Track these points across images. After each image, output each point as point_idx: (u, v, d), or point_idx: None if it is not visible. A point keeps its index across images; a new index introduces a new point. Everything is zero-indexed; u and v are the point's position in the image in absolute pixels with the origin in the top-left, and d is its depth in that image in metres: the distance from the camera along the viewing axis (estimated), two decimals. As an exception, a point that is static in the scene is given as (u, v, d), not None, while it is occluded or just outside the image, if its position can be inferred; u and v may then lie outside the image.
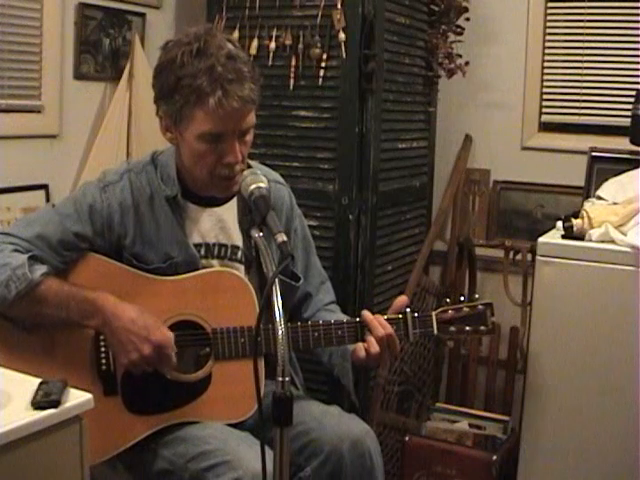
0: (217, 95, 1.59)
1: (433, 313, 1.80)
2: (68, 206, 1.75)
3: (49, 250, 1.69)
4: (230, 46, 1.65)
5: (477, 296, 1.91)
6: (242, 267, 1.83)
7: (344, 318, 1.83)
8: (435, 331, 1.79)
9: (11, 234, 1.70)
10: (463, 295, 1.89)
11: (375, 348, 1.72)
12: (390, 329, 1.73)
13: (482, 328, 1.84)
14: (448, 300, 1.86)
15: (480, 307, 1.83)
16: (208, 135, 1.64)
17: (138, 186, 1.77)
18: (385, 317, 1.77)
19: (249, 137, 1.70)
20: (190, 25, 2.75)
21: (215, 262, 1.81)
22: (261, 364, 1.68)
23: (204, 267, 1.78)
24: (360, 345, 1.75)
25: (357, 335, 1.76)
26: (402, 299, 1.81)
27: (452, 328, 1.81)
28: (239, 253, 1.83)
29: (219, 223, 1.81)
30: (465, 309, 1.83)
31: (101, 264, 1.74)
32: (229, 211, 1.82)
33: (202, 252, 1.80)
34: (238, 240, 1.83)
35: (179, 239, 1.77)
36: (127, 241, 1.75)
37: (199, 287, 1.74)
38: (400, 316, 1.78)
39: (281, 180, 1.95)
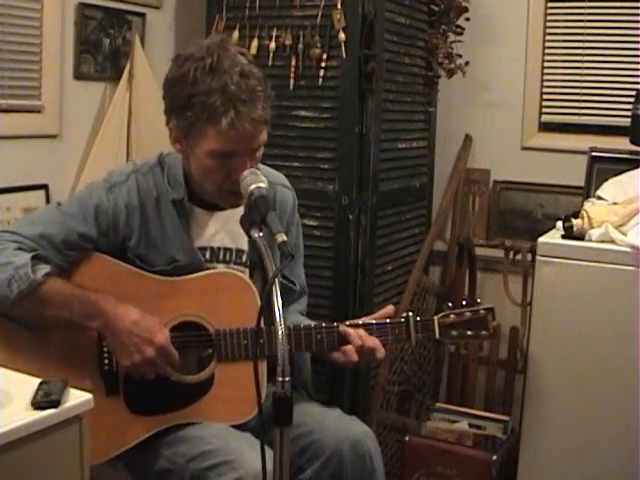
0: (230, 116, 1.58)
1: (435, 318, 1.81)
2: (73, 206, 1.74)
3: (52, 250, 1.69)
4: (243, 61, 1.63)
5: (479, 300, 1.91)
6: (247, 270, 1.83)
7: (312, 323, 1.82)
8: (437, 335, 1.80)
9: (15, 232, 1.70)
10: (465, 299, 1.89)
11: (354, 357, 1.73)
12: (369, 342, 1.73)
13: (483, 333, 1.85)
14: (450, 304, 1.86)
15: (482, 312, 1.84)
16: (218, 153, 1.63)
17: (145, 187, 1.76)
18: (388, 321, 1.78)
19: (259, 153, 1.69)
20: (188, 27, 2.80)
21: (220, 266, 1.80)
22: (263, 366, 1.68)
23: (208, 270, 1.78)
24: (344, 348, 1.74)
25: (335, 342, 1.75)
26: (389, 309, 1.81)
27: (454, 332, 1.82)
28: (244, 256, 1.83)
29: (225, 227, 1.81)
30: (467, 314, 1.83)
31: (105, 264, 1.74)
32: (235, 215, 1.81)
33: (207, 256, 1.80)
34: (243, 244, 1.83)
35: (184, 242, 1.77)
36: (132, 242, 1.75)
37: (202, 288, 1.74)
38: (402, 320, 1.78)
39: (287, 184, 1.95)
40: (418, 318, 1.79)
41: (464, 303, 1.87)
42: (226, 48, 1.64)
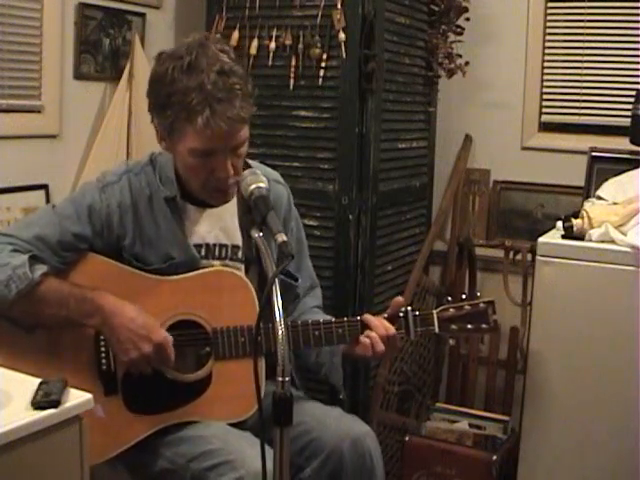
0: (205, 114, 1.57)
1: (434, 311, 1.80)
2: (67, 207, 1.75)
3: (48, 251, 1.69)
4: (224, 59, 1.62)
5: (479, 294, 1.90)
6: (243, 267, 1.83)
7: (332, 318, 1.82)
8: (436, 329, 1.80)
9: (10, 234, 1.71)
10: (465, 293, 1.89)
11: (380, 347, 1.73)
12: (392, 330, 1.75)
13: (484, 326, 1.83)
14: (450, 298, 1.85)
15: (482, 305, 1.83)
16: (198, 151, 1.64)
17: (137, 187, 1.77)
18: (385, 316, 1.78)
19: (242, 150, 1.69)
20: (188, 27, 2.80)
21: (216, 262, 1.81)
22: (261, 363, 1.68)
23: (204, 267, 1.78)
24: (365, 341, 1.74)
25: (358, 332, 1.75)
26: (399, 300, 1.81)
27: (453, 326, 1.81)
28: (239, 253, 1.83)
29: (219, 223, 1.81)
30: (466, 307, 1.82)
31: (101, 264, 1.74)
32: (229, 211, 1.82)
33: (202, 253, 1.80)
34: (238, 239, 1.83)
35: (179, 240, 1.77)
36: (126, 242, 1.76)
37: (199, 286, 1.74)
38: (401, 315, 1.78)
39: (281, 180, 1.95)
40: (417, 312, 1.79)
41: (463, 297, 1.85)
42: (206, 46, 1.64)
